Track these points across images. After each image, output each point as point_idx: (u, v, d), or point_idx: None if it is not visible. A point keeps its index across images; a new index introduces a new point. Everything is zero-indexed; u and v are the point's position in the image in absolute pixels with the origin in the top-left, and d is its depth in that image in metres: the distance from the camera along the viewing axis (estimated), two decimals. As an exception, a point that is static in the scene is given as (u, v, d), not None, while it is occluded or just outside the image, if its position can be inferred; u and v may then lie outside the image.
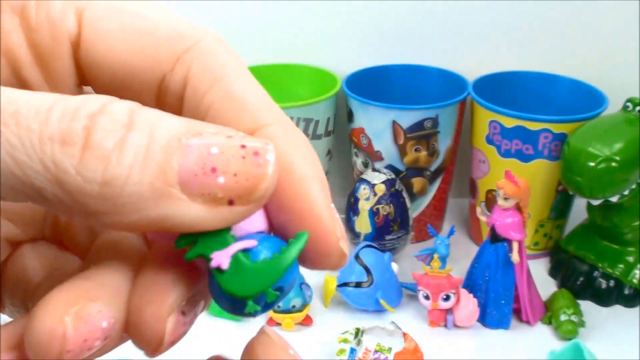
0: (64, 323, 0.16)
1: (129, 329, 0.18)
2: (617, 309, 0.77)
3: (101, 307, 0.17)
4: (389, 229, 0.79)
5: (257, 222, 0.19)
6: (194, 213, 0.16)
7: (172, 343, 0.18)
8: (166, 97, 0.19)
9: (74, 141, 0.15)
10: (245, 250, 0.18)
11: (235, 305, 0.18)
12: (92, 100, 0.15)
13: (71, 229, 0.22)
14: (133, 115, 0.16)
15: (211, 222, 0.16)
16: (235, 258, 0.18)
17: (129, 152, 0.15)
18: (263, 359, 0.19)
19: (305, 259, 0.19)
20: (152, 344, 0.18)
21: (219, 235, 0.18)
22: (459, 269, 0.78)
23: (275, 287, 0.19)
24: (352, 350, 0.68)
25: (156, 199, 0.15)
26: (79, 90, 0.19)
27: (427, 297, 0.72)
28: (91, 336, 0.17)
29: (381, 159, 0.83)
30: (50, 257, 0.21)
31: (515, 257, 0.70)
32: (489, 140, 0.81)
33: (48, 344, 0.16)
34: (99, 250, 0.20)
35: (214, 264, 0.18)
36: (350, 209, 0.81)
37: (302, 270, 0.19)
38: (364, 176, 0.81)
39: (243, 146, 0.16)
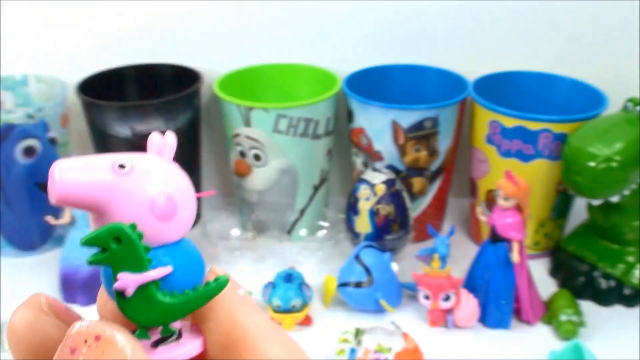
0: None
1: None
2: (617, 309, 0.77)
3: None
4: (389, 229, 0.79)
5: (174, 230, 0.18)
6: None
7: None
8: None
9: None
10: (159, 279, 0.17)
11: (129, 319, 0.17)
12: None
13: None
14: None
15: None
16: (144, 288, 0.17)
17: None
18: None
19: None
20: None
21: (135, 252, 0.16)
22: (459, 269, 0.78)
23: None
24: (352, 351, 0.68)
25: None
26: None
27: (427, 297, 0.72)
28: None
29: (381, 159, 0.83)
30: None
31: (515, 257, 0.70)
32: (489, 140, 0.81)
33: None
34: None
35: (118, 285, 0.16)
36: (350, 209, 0.81)
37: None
38: (364, 176, 0.81)
39: None
